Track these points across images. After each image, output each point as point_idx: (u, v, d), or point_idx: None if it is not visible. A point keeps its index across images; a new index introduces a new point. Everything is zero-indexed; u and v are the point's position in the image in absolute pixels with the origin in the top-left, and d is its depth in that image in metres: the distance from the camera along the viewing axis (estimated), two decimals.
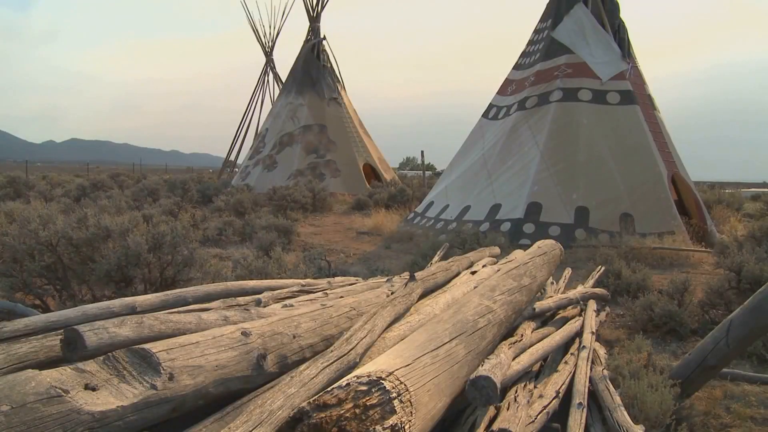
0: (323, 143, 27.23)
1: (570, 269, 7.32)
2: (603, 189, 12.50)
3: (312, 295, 4.15)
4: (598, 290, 6.30)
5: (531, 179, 12.78)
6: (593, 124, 13.32)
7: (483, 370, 2.40)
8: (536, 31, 15.58)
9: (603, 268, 7.58)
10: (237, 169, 33.47)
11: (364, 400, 1.67)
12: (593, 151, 13.01)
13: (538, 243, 5.58)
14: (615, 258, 8.77)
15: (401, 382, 1.81)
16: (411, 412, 1.78)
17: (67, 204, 15.52)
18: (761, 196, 27.59)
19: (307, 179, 23.91)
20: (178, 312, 3.07)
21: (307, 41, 29.50)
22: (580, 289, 5.82)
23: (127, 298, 3.33)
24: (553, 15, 14.94)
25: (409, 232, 13.41)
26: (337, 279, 5.34)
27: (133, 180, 29.59)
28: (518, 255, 5.45)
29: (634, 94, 13.61)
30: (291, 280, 4.90)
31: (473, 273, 5.11)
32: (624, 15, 14.80)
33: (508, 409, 2.76)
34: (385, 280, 4.69)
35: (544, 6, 15.57)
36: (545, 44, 14.76)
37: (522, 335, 3.63)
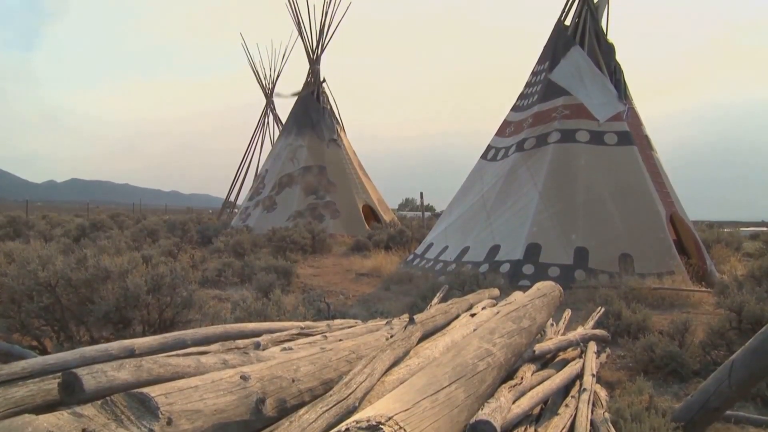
0: (323, 184, 27.32)
1: (570, 310, 7.29)
2: (602, 229, 12.52)
3: (311, 338, 4.13)
4: (598, 331, 6.27)
5: (530, 220, 12.80)
6: (591, 164, 13.40)
7: (483, 414, 2.38)
8: (534, 73, 15.77)
9: (603, 309, 7.55)
10: (237, 210, 33.51)
11: None
12: (592, 191, 13.06)
13: (538, 285, 5.57)
14: (615, 299, 8.74)
15: (401, 427, 1.80)
16: None
17: (66, 244, 15.50)
18: (760, 235, 27.57)
19: (306, 220, 23.94)
20: (177, 355, 3.06)
21: (307, 83, 29.80)
22: (580, 331, 5.79)
23: (125, 341, 3.31)
24: (551, 57, 15.14)
25: (408, 274, 13.39)
26: (337, 321, 5.32)
27: (132, 220, 29.60)
28: (517, 297, 5.44)
29: (631, 134, 13.72)
30: (290, 323, 4.88)
31: (472, 315, 5.10)
32: (619, 57, 15.01)
33: None
34: (384, 322, 4.68)
35: (541, 48, 15.79)
36: (543, 86, 14.92)
37: (522, 378, 3.60)
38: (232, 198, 37.97)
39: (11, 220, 24.57)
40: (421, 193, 27.36)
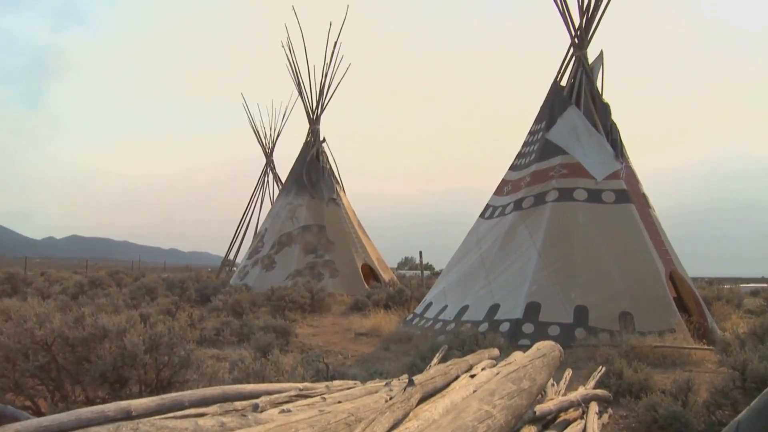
0: (322, 243, 27.34)
1: (570, 370, 7.22)
2: (601, 287, 12.50)
3: (310, 400, 4.08)
4: (599, 391, 6.21)
5: (529, 279, 12.78)
6: (589, 223, 13.46)
7: None
8: (531, 133, 15.97)
9: (604, 369, 7.49)
10: (236, 269, 33.43)
11: None
12: (590, 249, 13.09)
13: (538, 345, 5.55)
14: (616, 357, 8.67)
15: None
16: None
17: (64, 301, 15.42)
18: (760, 292, 27.49)
19: (305, 279, 23.85)
20: (175, 417, 3.03)
21: (306, 143, 30.09)
22: (581, 391, 5.74)
23: (122, 402, 3.28)
24: (547, 117, 15.36)
25: (407, 333, 13.30)
26: (336, 383, 5.27)
27: (131, 278, 29.49)
28: (517, 357, 5.40)
29: (629, 192, 13.82)
30: (289, 384, 4.84)
31: (472, 376, 5.05)
32: (615, 115, 15.24)
33: None
34: (383, 383, 4.63)
35: (538, 108, 16.03)
36: (540, 145, 15.09)
37: None
38: (231, 256, 37.96)
39: (9, 276, 24.47)
40: (420, 252, 27.37)
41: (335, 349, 12.10)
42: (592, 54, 15.59)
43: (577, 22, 15.56)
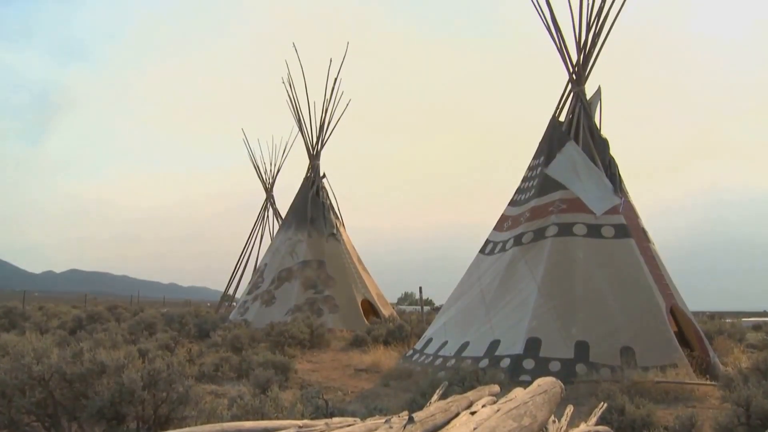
0: (322, 279, 27.26)
1: (572, 406, 7.15)
2: (602, 322, 12.46)
3: None
4: (601, 428, 6.15)
5: (529, 314, 12.75)
6: (589, 257, 13.46)
7: None
8: (530, 168, 16.03)
9: (605, 405, 7.42)
10: (235, 304, 33.32)
11: None
12: (590, 284, 13.07)
13: (538, 381, 5.51)
14: (617, 393, 8.60)
15: None
16: None
17: (62, 336, 15.36)
18: (762, 326, 27.40)
19: (305, 315, 23.72)
20: None
21: (307, 178, 30.18)
22: (582, 428, 5.69)
23: None
24: (546, 152, 15.44)
25: (407, 369, 13.22)
26: (335, 420, 5.22)
27: (130, 312, 29.36)
28: (518, 393, 5.36)
29: (628, 227, 13.84)
30: (288, 421, 4.80)
31: (473, 413, 5.01)
32: (614, 150, 15.33)
33: None
34: (383, 420, 4.59)
35: (537, 143, 16.12)
36: (539, 181, 15.14)
37: None
38: (230, 291, 37.82)
39: (7, 310, 24.39)
40: (420, 288, 27.30)
41: (335, 386, 12.01)
42: (590, 89, 15.74)
43: (574, 59, 15.73)
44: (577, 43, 15.61)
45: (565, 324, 12.47)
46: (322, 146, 30.06)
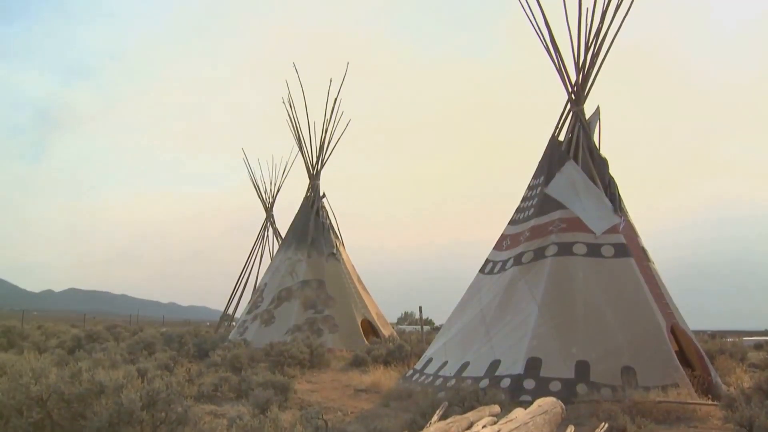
0: (321, 299, 27.21)
1: (573, 426, 7.13)
2: (602, 342, 12.42)
3: None
4: None
5: (530, 334, 12.71)
6: (589, 277, 13.45)
7: None
8: (530, 188, 16.06)
9: (607, 425, 7.40)
10: (234, 323, 33.22)
11: None
12: (590, 304, 13.05)
13: (539, 401, 5.50)
14: (619, 413, 8.58)
15: None
16: None
17: (61, 356, 15.31)
18: (764, 345, 27.27)
19: (304, 335, 23.66)
20: None
21: (306, 198, 30.23)
22: None
23: None
24: (546, 172, 15.47)
25: (407, 390, 13.15)
26: None
27: (129, 332, 29.30)
28: (519, 414, 5.35)
29: (628, 246, 13.85)
30: None
31: None
32: (613, 170, 15.38)
33: None
34: None
35: (537, 163, 16.16)
36: (539, 200, 15.17)
37: None
38: (230, 311, 37.69)
39: (6, 330, 24.30)
40: (420, 308, 27.24)
41: (334, 406, 11.95)
42: (589, 109, 15.82)
43: (573, 79, 15.83)
44: (576, 63, 15.72)
45: (565, 344, 12.43)
46: (322, 166, 30.16)
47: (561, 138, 15.90)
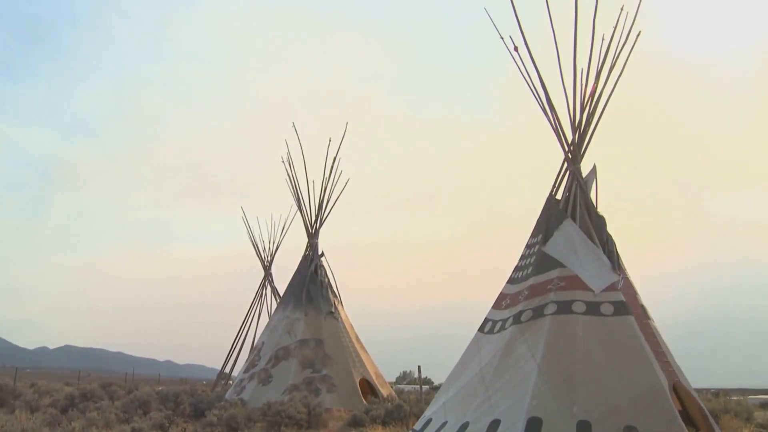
0: (319, 358, 26.95)
1: None
2: (603, 401, 12.27)
3: None
4: None
5: (530, 393, 12.57)
6: (589, 335, 13.38)
7: None
8: (528, 246, 16.13)
9: None
10: (231, 382, 32.85)
11: None
12: (591, 362, 12.94)
13: None
14: None
15: None
16: None
17: (53, 415, 15.10)
18: None
19: (302, 394, 23.36)
20: None
21: (305, 256, 30.22)
22: None
23: None
24: (544, 230, 15.56)
25: None
26: None
27: (124, 390, 28.93)
28: None
29: (627, 304, 13.82)
30: None
31: None
32: (611, 228, 15.45)
33: None
34: None
35: (534, 222, 16.26)
36: (537, 259, 15.21)
37: None
38: (227, 370, 37.35)
39: None
40: (419, 367, 26.97)
41: None
42: (586, 167, 16.01)
43: (569, 138, 16.06)
44: (572, 122, 15.98)
45: (566, 403, 12.29)
46: (321, 225, 30.24)
47: (558, 197, 16.04)
